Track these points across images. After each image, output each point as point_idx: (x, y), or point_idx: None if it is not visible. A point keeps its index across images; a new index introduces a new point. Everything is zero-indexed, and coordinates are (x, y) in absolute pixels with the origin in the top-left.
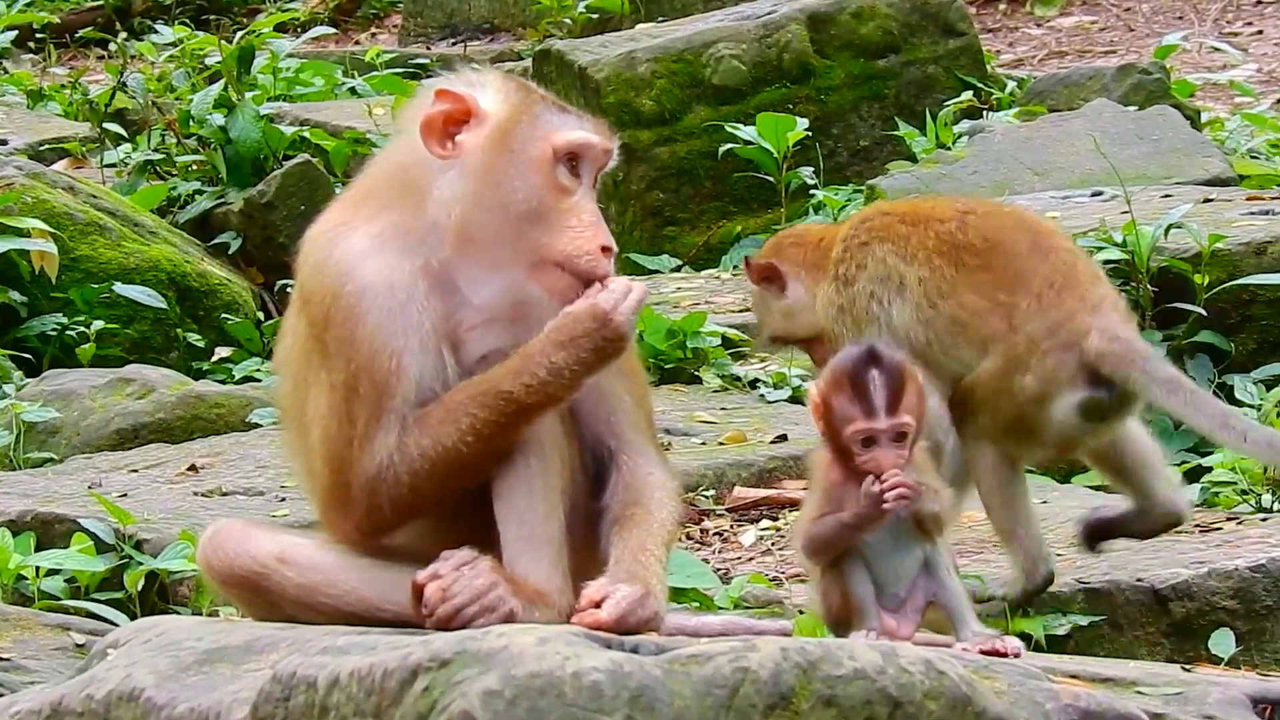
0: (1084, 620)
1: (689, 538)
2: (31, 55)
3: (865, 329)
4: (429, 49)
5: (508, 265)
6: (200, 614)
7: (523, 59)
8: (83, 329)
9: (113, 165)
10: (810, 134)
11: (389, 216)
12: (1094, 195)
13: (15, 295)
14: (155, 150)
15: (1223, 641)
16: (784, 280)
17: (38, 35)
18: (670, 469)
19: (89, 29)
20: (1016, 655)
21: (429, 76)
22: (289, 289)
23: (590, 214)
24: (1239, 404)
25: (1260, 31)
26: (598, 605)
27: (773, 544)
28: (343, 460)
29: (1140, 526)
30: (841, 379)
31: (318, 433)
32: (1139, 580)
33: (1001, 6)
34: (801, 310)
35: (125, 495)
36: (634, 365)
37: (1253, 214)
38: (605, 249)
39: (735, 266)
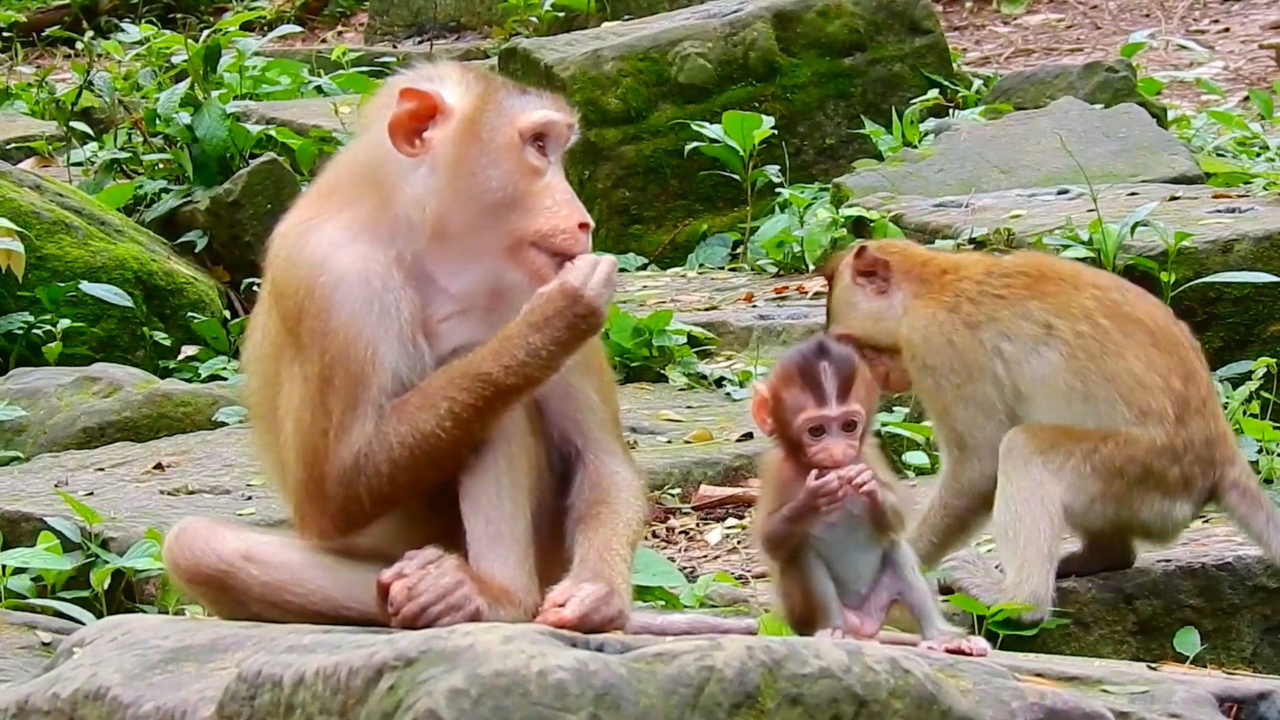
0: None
1: (654, 536)
2: None
3: (974, 372)
4: (395, 47)
5: (485, 253)
6: (166, 612)
7: (489, 57)
8: (49, 327)
9: (79, 164)
10: (776, 132)
11: (358, 211)
12: (1060, 193)
13: None
14: (122, 149)
15: (1188, 640)
16: (889, 284)
17: (4, 34)
18: (636, 468)
19: (55, 27)
20: (982, 654)
21: (394, 74)
22: (256, 287)
23: (563, 192)
24: None
25: (1226, 29)
26: (562, 605)
27: (739, 542)
28: (317, 453)
29: (1093, 566)
30: (791, 371)
31: (291, 426)
32: (1105, 578)
33: (968, 4)
34: (889, 319)
35: (91, 494)
36: (601, 363)
37: (1219, 212)
38: (583, 225)
39: (702, 264)
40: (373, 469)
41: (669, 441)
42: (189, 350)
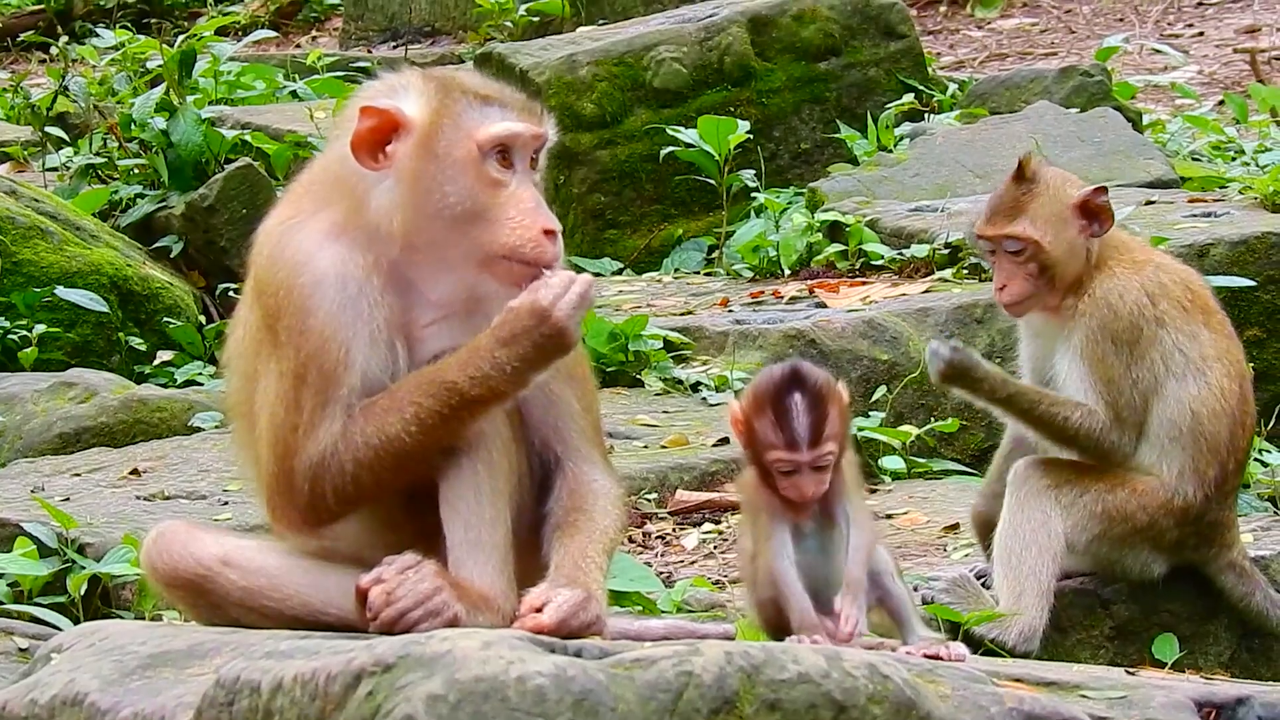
0: None
1: (631, 541)
2: None
3: (1147, 363)
4: (370, 52)
5: (457, 265)
6: (143, 618)
7: (464, 62)
8: (25, 333)
9: (54, 169)
10: (751, 137)
11: (336, 215)
12: None
13: None
14: (97, 154)
15: (1167, 646)
16: (1101, 229)
17: None
18: (616, 476)
19: (30, 33)
20: (960, 660)
21: (370, 80)
22: (231, 292)
23: (528, 201)
24: None
25: (1201, 33)
26: (539, 610)
27: (715, 547)
28: (287, 446)
29: None
30: (764, 403)
31: (265, 420)
32: (1082, 583)
33: (942, 9)
34: (1076, 261)
35: (68, 499)
36: (583, 371)
37: (1195, 216)
38: (548, 232)
39: (677, 269)
40: (338, 467)
41: (645, 446)
42: (164, 355)
